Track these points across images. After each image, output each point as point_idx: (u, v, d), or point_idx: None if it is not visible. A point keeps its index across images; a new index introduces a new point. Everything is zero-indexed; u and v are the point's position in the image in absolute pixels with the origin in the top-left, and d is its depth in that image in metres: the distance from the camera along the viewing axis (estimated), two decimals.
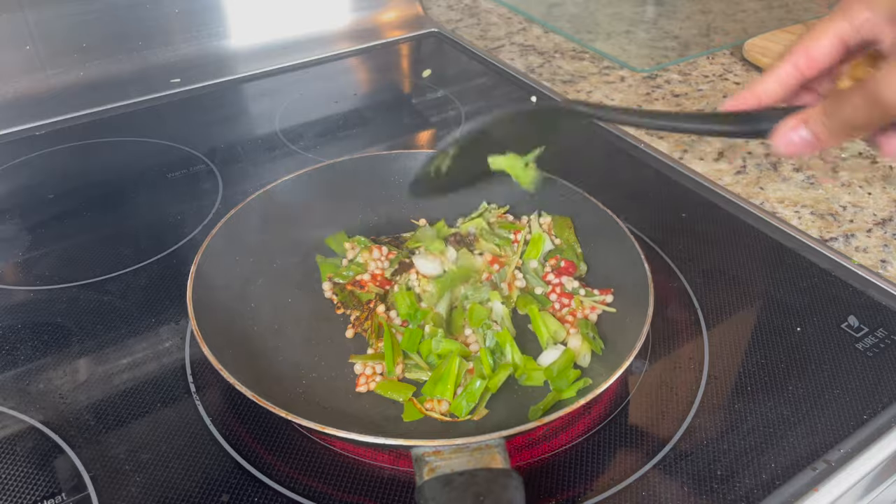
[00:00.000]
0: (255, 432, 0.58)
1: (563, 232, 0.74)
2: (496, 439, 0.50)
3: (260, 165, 0.91)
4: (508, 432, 0.50)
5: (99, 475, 0.54)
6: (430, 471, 0.48)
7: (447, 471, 0.47)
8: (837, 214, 0.84)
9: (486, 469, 0.47)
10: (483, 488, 0.46)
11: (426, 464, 0.48)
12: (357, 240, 0.75)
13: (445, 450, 0.49)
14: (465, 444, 0.49)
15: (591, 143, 0.97)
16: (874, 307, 0.70)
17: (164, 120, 1.01)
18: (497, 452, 0.49)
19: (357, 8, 1.24)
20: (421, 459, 0.49)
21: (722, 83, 1.12)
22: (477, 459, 0.48)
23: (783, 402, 0.61)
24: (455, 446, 0.49)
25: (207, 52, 1.12)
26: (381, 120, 1.04)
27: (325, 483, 0.55)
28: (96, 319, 0.68)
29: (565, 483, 0.55)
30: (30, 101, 1.00)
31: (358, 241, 0.75)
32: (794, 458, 0.56)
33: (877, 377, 0.63)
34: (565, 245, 0.73)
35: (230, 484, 0.54)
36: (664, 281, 0.73)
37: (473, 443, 0.49)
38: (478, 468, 0.48)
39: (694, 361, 0.65)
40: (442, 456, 0.49)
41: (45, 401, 0.60)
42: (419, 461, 0.49)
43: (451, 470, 0.47)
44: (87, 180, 0.89)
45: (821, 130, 0.44)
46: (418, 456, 0.49)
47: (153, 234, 0.79)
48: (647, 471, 0.56)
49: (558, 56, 1.21)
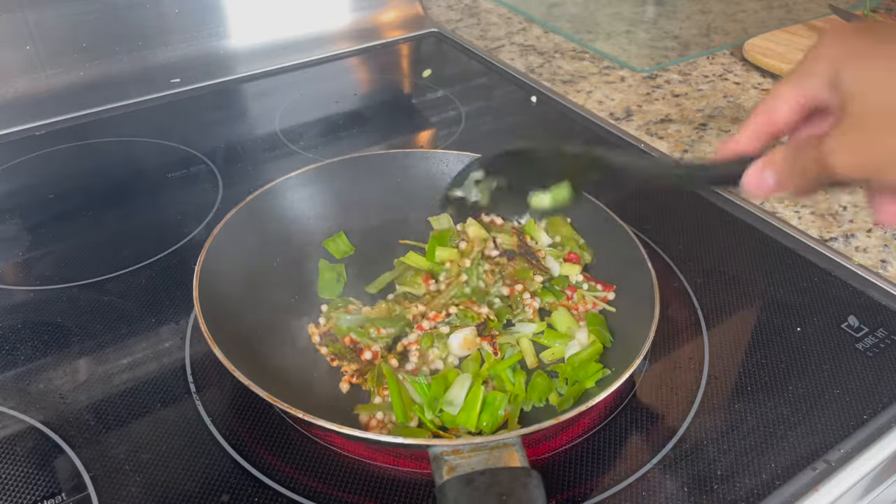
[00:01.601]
0: (255, 432, 0.58)
1: (561, 229, 0.74)
2: (513, 438, 0.50)
3: (260, 165, 0.91)
4: (526, 430, 0.50)
5: (99, 475, 0.54)
6: (450, 469, 0.48)
7: (467, 469, 0.48)
8: (837, 214, 0.84)
9: (507, 468, 0.48)
10: (505, 487, 0.46)
11: (445, 462, 0.48)
12: (335, 306, 0.68)
13: (464, 448, 0.49)
14: (484, 443, 0.49)
15: (591, 142, 0.97)
16: (874, 307, 0.70)
17: (164, 120, 1.00)
18: (515, 451, 0.49)
19: (357, 8, 1.24)
20: (439, 458, 0.49)
21: (722, 83, 1.12)
22: (496, 458, 0.48)
23: (783, 402, 0.61)
24: (473, 445, 0.49)
25: (207, 52, 1.12)
26: (382, 120, 1.04)
27: (326, 483, 0.55)
28: (96, 319, 0.68)
29: (566, 483, 0.55)
30: (30, 101, 1.00)
31: (334, 308, 0.68)
32: (795, 458, 0.56)
33: (877, 377, 0.63)
34: (565, 240, 0.73)
35: (230, 484, 0.54)
36: (664, 281, 0.73)
37: (492, 441, 0.49)
38: (498, 467, 0.48)
39: (694, 361, 0.65)
40: (461, 455, 0.49)
41: (46, 401, 0.60)
42: (437, 460, 0.49)
43: (470, 469, 0.48)
44: (87, 180, 0.89)
45: (782, 174, 0.45)
46: (436, 455, 0.49)
47: (153, 234, 0.79)
48: (648, 471, 0.56)
49: (558, 56, 1.21)
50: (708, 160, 0.53)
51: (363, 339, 0.64)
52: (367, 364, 0.63)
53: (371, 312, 0.67)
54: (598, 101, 1.07)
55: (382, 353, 0.63)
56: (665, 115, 1.04)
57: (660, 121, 1.02)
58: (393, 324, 0.65)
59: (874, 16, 1.18)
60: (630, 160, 0.60)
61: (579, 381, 0.60)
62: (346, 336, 0.64)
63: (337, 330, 0.65)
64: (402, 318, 0.65)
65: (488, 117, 1.03)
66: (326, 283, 0.71)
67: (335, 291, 0.71)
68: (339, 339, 0.65)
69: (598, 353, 0.63)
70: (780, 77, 1.12)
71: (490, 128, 1.00)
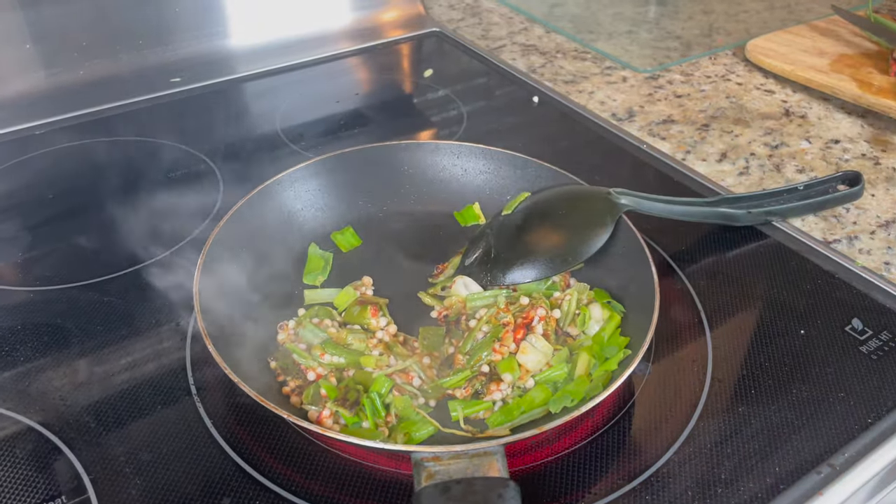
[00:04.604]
0: (255, 434, 0.58)
1: None
2: (495, 446, 0.49)
3: (260, 165, 0.91)
4: (507, 440, 0.50)
5: (99, 477, 0.54)
6: (429, 476, 0.48)
7: (445, 477, 0.47)
8: (841, 216, 0.83)
9: (484, 478, 0.47)
10: (480, 498, 0.46)
11: (424, 469, 0.48)
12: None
13: (444, 455, 0.49)
14: (465, 451, 0.49)
15: (593, 142, 0.97)
16: (878, 309, 0.70)
17: (164, 120, 1.00)
18: (496, 459, 0.48)
19: (358, 7, 1.24)
20: (420, 464, 0.49)
21: (724, 84, 1.12)
22: (476, 466, 0.48)
23: (787, 406, 0.61)
24: (454, 452, 0.49)
25: (207, 51, 1.12)
26: (383, 119, 1.03)
27: (326, 486, 0.54)
28: (96, 320, 0.68)
29: (569, 487, 0.55)
30: (29, 100, 0.99)
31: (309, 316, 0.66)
32: (799, 462, 0.56)
33: (881, 380, 0.63)
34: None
35: (231, 486, 0.54)
36: (667, 283, 0.72)
37: (472, 449, 0.49)
38: (475, 476, 0.47)
39: (697, 364, 0.64)
40: (441, 462, 0.48)
41: (45, 402, 0.60)
42: (418, 466, 0.49)
43: (448, 477, 0.47)
44: (88, 180, 0.89)
45: None
46: (417, 461, 0.49)
47: (153, 234, 0.78)
48: (651, 475, 0.55)
49: (560, 56, 1.21)
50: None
51: (305, 360, 0.61)
52: (308, 383, 0.60)
53: (333, 334, 0.64)
54: (599, 101, 1.07)
55: (328, 385, 0.59)
56: (667, 116, 1.03)
57: (662, 121, 1.02)
58: (341, 353, 0.62)
59: (877, 17, 1.18)
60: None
61: (609, 358, 0.60)
62: (293, 352, 0.62)
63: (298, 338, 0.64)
64: (356, 353, 0.62)
65: (490, 117, 1.03)
66: (312, 270, 0.72)
67: (318, 279, 0.71)
68: (290, 353, 0.62)
69: (618, 322, 0.63)
70: (782, 78, 1.11)
71: (491, 128, 1.00)
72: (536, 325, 0.64)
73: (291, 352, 0.62)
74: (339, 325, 0.65)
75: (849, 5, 1.30)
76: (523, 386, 0.61)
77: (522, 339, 0.63)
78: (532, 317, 0.65)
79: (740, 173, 0.90)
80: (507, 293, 0.68)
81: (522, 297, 0.67)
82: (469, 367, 0.61)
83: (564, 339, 0.65)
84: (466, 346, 0.63)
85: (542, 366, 0.62)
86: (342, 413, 0.56)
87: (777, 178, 0.90)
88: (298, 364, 0.62)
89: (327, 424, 0.56)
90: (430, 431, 0.57)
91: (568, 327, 0.65)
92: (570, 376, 0.60)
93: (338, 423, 0.57)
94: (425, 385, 0.61)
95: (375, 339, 0.64)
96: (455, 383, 0.60)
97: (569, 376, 0.60)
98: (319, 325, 0.64)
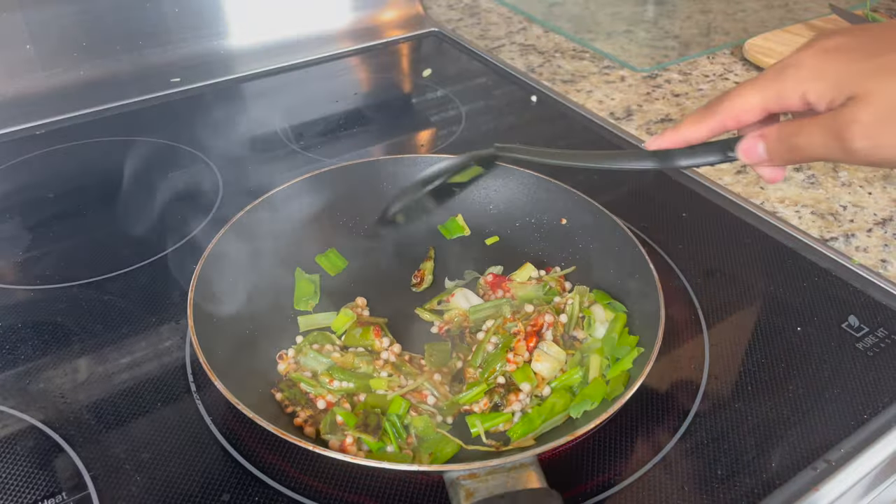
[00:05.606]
0: (255, 432, 0.58)
1: None
2: (530, 457, 0.49)
3: (260, 165, 0.91)
4: (540, 449, 0.50)
5: (99, 474, 0.54)
6: (468, 495, 0.46)
7: (486, 494, 0.46)
8: (838, 214, 0.84)
9: (527, 490, 0.47)
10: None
11: (462, 488, 0.47)
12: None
13: (481, 472, 0.48)
14: (501, 465, 0.48)
15: (591, 142, 0.97)
16: (874, 307, 0.70)
17: (164, 120, 1.00)
18: (533, 470, 0.48)
19: (357, 7, 1.24)
20: (456, 484, 0.47)
21: (722, 83, 1.12)
22: (514, 480, 0.47)
23: (784, 402, 0.61)
24: (490, 468, 0.48)
25: (207, 51, 1.12)
26: (382, 119, 1.04)
27: (326, 482, 0.55)
28: (96, 319, 0.68)
29: (565, 483, 0.55)
30: (29, 100, 1.00)
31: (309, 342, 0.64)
32: (795, 458, 0.56)
33: (877, 377, 0.63)
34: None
35: (231, 483, 0.54)
36: (665, 281, 0.72)
37: (508, 463, 0.48)
38: (517, 490, 0.47)
39: (694, 361, 0.65)
40: (478, 479, 0.47)
41: (46, 400, 0.60)
42: (454, 486, 0.47)
43: (489, 493, 0.46)
44: (87, 180, 0.89)
45: (773, 150, 0.50)
46: (452, 480, 0.48)
47: (153, 234, 0.79)
48: (648, 470, 0.55)
49: (558, 56, 1.21)
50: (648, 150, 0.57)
51: (314, 389, 0.60)
52: (320, 412, 0.58)
53: (338, 359, 0.62)
54: (598, 100, 1.07)
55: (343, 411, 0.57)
56: (665, 115, 1.04)
57: (660, 120, 1.02)
58: (350, 378, 0.60)
59: (874, 15, 1.18)
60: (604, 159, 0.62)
61: (621, 359, 0.59)
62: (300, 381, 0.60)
63: (300, 367, 0.62)
64: (364, 376, 0.61)
65: (489, 117, 1.03)
66: (302, 295, 0.69)
67: (310, 304, 0.69)
68: (296, 384, 0.61)
69: (625, 322, 0.64)
70: None
71: (490, 127, 1.00)
72: (546, 332, 0.64)
73: (298, 381, 0.60)
74: (341, 349, 0.64)
75: (847, 4, 1.30)
76: (540, 394, 0.61)
77: (535, 347, 0.62)
78: (541, 323, 0.64)
79: (738, 172, 0.91)
80: (510, 302, 0.68)
81: (526, 305, 0.67)
82: (484, 380, 0.61)
83: (572, 342, 0.65)
84: (477, 359, 0.62)
85: (557, 372, 0.61)
86: (365, 440, 0.55)
87: None
88: (306, 393, 0.60)
89: (352, 451, 0.55)
90: (454, 449, 0.56)
91: (574, 331, 0.65)
92: (584, 380, 0.60)
93: (361, 450, 0.55)
94: (440, 402, 0.60)
95: (381, 361, 0.62)
96: (472, 398, 0.59)
97: (583, 380, 0.60)
98: (321, 351, 0.62)
